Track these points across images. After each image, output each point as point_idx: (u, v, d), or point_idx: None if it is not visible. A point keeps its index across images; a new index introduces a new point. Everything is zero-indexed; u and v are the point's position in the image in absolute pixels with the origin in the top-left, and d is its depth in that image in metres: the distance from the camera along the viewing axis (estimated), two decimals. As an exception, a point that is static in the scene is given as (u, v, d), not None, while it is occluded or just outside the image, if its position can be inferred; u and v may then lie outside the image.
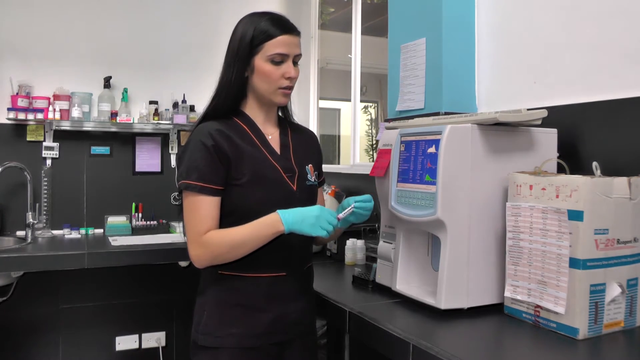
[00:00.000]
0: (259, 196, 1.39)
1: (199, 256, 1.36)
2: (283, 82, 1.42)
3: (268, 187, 1.41)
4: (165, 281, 3.09)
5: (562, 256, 1.20)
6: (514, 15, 1.84)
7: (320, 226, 1.32)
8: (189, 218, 1.37)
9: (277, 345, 1.43)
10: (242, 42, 1.41)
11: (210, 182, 1.36)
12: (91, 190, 3.17)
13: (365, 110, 4.85)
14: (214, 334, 1.40)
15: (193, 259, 1.37)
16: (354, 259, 2.18)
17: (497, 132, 1.41)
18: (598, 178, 1.21)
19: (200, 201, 1.35)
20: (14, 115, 2.88)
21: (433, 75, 1.97)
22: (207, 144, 1.37)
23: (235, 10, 3.33)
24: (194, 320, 1.45)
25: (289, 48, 1.41)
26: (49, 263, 2.40)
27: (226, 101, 1.44)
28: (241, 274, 1.41)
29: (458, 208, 1.36)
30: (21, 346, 2.85)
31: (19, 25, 3.01)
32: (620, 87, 1.47)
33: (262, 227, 1.33)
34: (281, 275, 1.43)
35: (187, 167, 1.37)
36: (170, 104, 3.27)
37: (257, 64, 1.40)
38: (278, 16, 1.44)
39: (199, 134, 1.39)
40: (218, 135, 1.39)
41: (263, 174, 1.41)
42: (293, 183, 1.46)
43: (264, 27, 1.39)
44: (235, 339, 1.39)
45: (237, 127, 1.45)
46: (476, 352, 1.17)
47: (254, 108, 1.49)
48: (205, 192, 1.35)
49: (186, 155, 1.40)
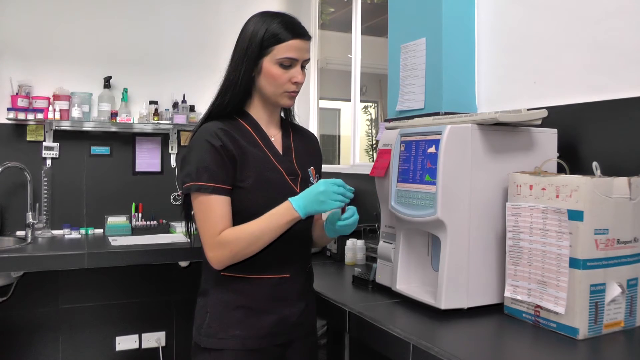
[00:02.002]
0: (262, 199, 1.37)
1: (218, 257, 1.33)
2: (290, 86, 1.40)
3: (271, 190, 1.39)
4: (165, 281, 3.09)
5: (562, 256, 1.20)
6: (514, 15, 1.84)
7: (330, 199, 1.30)
8: (204, 220, 1.34)
9: (280, 346, 1.43)
10: (252, 42, 1.38)
11: (222, 182, 1.34)
12: (91, 190, 3.17)
13: (365, 110, 4.85)
14: (217, 335, 1.38)
15: (212, 261, 1.34)
16: (354, 259, 2.18)
17: (497, 132, 1.41)
18: (598, 178, 1.21)
19: (214, 202, 1.33)
20: (14, 115, 2.88)
21: (433, 75, 1.97)
22: (215, 144, 1.34)
23: (235, 10, 3.39)
24: (196, 322, 1.44)
25: (299, 53, 1.39)
26: (49, 263, 2.40)
27: (231, 101, 1.42)
28: (245, 276, 1.39)
29: (458, 208, 1.36)
30: (21, 346, 2.85)
31: (19, 25, 3.01)
32: (620, 87, 1.47)
33: (277, 217, 1.32)
34: (285, 277, 1.42)
35: (197, 168, 1.34)
36: (170, 104, 3.27)
37: (265, 66, 1.38)
38: (290, 19, 1.41)
39: (205, 134, 1.37)
40: (224, 136, 1.36)
41: (267, 177, 1.40)
42: (296, 186, 1.44)
43: (275, 30, 1.37)
44: (238, 341, 1.37)
45: (241, 127, 1.43)
46: (476, 352, 1.17)
47: (258, 108, 1.47)
48: (218, 192, 1.33)
49: (193, 155, 1.36)
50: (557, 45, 1.67)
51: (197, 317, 1.44)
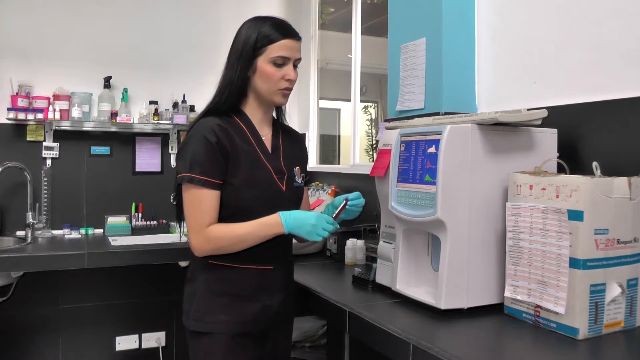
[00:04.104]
0: (250, 195, 1.47)
1: (201, 248, 1.44)
2: (283, 83, 1.50)
3: (259, 187, 1.48)
4: (165, 281, 3.08)
5: (562, 256, 1.20)
6: (514, 15, 1.84)
7: (316, 233, 1.43)
8: (191, 210, 1.43)
9: (261, 332, 1.53)
10: (246, 44, 1.47)
11: (213, 177, 1.42)
12: (91, 190, 3.17)
13: (365, 110, 4.85)
14: (204, 319, 1.47)
15: (194, 248, 1.45)
16: (354, 259, 2.18)
17: (497, 132, 1.41)
18: (598, 178, 1.21)
19: (203, 194, 1.42)
20: (14, 115, 2.88)
21: (433, 75, 1.97)
22: (210, 139, 1.42)
23: (235, 11, 3.39)
24: (184, 308, 1.53)
25: (290, 52, 1.48)
26: (49, 263, 2.40)
27: (228, 99, 1.50)
28: (231, 265, 1.48)
29: (458, 208, 1.36)
30: (21, 346, 2.85)
31: (19, 25, 3.01)
32: (620, 87, 1.47)
33: (264, 227, 1.44)
34: (268, 269, 1.53)
35: (190, 161, 1.42)
36: (170, 104, 3.27)
37: (260, 65, 1.47)
38: (280, 21, 1.51)
39: (201, 129, 1.45)
40: (220, 132, 1.44)
41: (255, 175, 1.49)
42: (282, 184, 1.54)
43: (267, 31, 1.47)
44: (224, 325, 1.46)
45: (236, 125, 1.51)
46: (476, 352, 1.17)
47: (253, 107, 1.55)
48: (208, 185, 1.42)
49: (188, 149, 1.45)
50: (557, 45, 1.67)
51: (186, 303, 1.53)
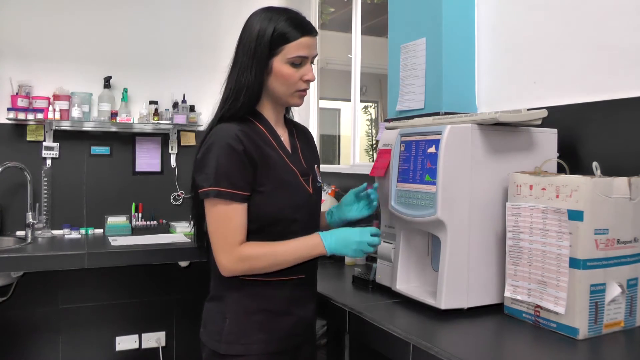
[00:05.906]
0: (281, 202, 1.35)
1: (234, 267, 1.31)
2: (301, 84, 1.37)
3: (289, 193, 1.37)
4: (165, 281, 3.09)
5: (562, 256, 1.20)
6: (514, 15, 1.84)
7: (362, 250, 1.35)
8: (220, 228, 1.30)
9: (296, 347, 1.43)
10: (260, 42, 1.32)
11: (242, 189, 1.29)
12: (91, 190, 3.17)
13: (365, 110, 4.85)
14: (240, 341, 1.34)
15: (225, 269, 1.31)
16: (354, 259, 2.18)
17: (497, 132, 1.41)
18: (598, 178, 1.21)
19: (232, 210, 1.29)
20: (14, 115, 2.88)
21: (433, 75, 1.97)
22: (237, 148, 1.29)
23: (235, 10, 3.39)
24: (210, 328, 1.39)
25: (308, 50, 1.35)
26: (49, 263, 2.40)
27: (245, 103, 1.36)
28: (267, 279, 1.36)
29: (458, 208, 1.36)
30: (21, 346, 2.85)
31: (19, 25, 3.01)
32: (620, 87, 1.47)
33: (306, 249, 1.34)
34: (301, 278, 1.42)
35: (216, 173, 1.28)
36: (170, 104, 3.27)
37: (276, 66, 1.34)
38: (296, 14, 1.36)
39: (225, 137, 1.30)
40: (245, 138, 1.31)
41: (285, 180, 1.37)
42: (308, 186, 1.43)
43: (284, 29, 1.32)
44: (262, 345, 1.35)
45: (256, 129, 1.38)
46: (476, 352, 1.17)
47: (268, 109, 1.43)
48: (237, 199, 1.29)
49: (211, 159, 1.29)
50: (557, 45, 1.67)
51: (210, 324, 1.39)
